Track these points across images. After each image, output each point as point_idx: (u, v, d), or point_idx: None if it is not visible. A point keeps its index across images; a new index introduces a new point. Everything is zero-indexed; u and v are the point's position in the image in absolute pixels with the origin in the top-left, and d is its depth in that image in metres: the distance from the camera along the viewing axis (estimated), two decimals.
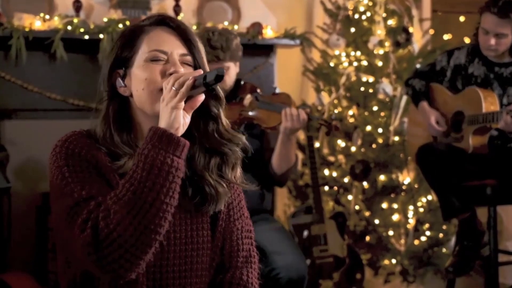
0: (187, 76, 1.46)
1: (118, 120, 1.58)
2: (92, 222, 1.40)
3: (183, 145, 1.45)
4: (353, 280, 3.68)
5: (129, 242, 1.39)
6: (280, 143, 2.88)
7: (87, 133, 1.59)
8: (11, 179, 3.38)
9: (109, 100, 1.59)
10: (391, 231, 4.07)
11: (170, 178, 1.42)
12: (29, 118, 3.79)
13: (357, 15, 4.25)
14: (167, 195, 1.42)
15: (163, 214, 1.41)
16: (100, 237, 1.39)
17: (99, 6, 3.92)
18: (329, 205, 4.08)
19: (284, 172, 2.94)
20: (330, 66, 4.26)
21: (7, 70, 3.67)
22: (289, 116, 2.77)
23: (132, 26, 1.63)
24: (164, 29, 1.59)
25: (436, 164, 3.15)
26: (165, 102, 1.46)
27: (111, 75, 1.59)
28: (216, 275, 1.65)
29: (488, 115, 3.03)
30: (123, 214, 1.38)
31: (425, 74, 3.42)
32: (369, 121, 4.12)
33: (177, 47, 1.57)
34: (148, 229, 1.40)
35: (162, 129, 1.44)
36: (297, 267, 2.77)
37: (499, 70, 3.17)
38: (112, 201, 1.41)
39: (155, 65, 1.55)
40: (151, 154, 1.42)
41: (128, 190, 1.40)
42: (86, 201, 1.44)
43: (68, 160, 1.50)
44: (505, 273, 3.85)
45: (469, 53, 3.27)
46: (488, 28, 3.08)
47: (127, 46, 1.58)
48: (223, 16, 4.13)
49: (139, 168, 1.42)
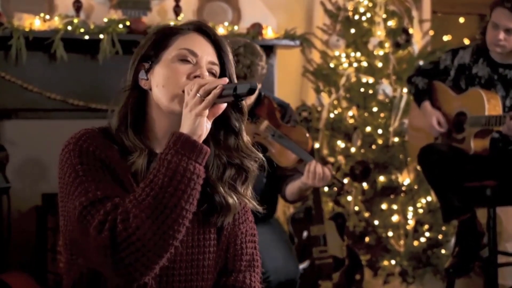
0: (213, 84, 1.45)
1: (136, 111, 1.57)
2: (110, 224, 1.39)
3: (205, 152, 1.45)
4: (353, 281, 3.68)
5: (147, 246, 1.39)
6: (298, 187, 2.77)
7: (100, 131, 1.58)
8: (10, 179, 3.38)
9: (130, 90, 1.59)
10: (390, 232, 4.07)
11: (192, 184, 1.42)
12: (29, 118, 3.80)
13: (357, 16, 4.26)
14: (188, 202, 1.41)
15: (182, 220, 1.41)
16: (118, 239, 1.38)
17: (99, 6, 3.92)
18: (329, 206, 4.08)
19: (295, 200, 2.94)
20: (330, 67, 4.26)
21: (7, 70, 3.67)
22: (311, 174, 2.64)
23: (170, 26, 1.64)
24: (200, 35, 1.60)
25: (437, 165, 3.14)
26: (188, 108, 1.45)
27: (138, 67, 1.59)
28: (219, 278, 1.66)
29: (491, 118, 3.02)
30: (143, 219, 1.38)
31: (428, 72, 3.40)
32: (368, 122, 4.12)
33: (208, 54, 1.57)
34: (166, 234, 1.40)
35: (185, 135, 1.43)
36: (287, 271, 2.76)
37: (503, 71, 3.16)
38: (132, 204, 1.40)
39: (181, 65, 1.55)
40: (174, 160, 1.41)
41: (149, 195, 1.40)
42: (101, 201, 1.43)
43: (82, 158, 1.49)
44: (505, 274, 3.85)
45: (474, 53, 3.25)
46: (498, 22, 3.06)
47: (160, 42, 1.58)
48: (223, 17, 4.14)
49: (160, 173, 1.41)
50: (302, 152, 2.71)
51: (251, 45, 2.76)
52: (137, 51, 1.62)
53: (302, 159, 2.71)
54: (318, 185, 2.69)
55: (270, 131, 2.75)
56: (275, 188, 2.91)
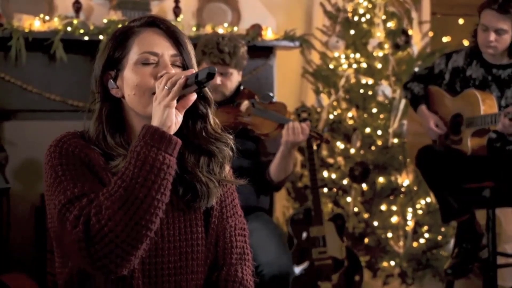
0: (179, 75, 1.48)
1: (111, 121, 1.60)
2: (84, 218, 1.42)
3: (175, 143, 1.48)
4: (352, 282, 3.68)
5: (120, 237, 1.41)
6: (280, 155, 2.93)
7: (81, 134, 1.61)
8: (10, 180, 3.38)
9: (101, 101, 1.61)
10: (390, 233, 4.07)
11: (162, 175, 1.44)
12: (29, 119, 3.79)
13: (356, 17, 4.26)
14: (159, 192, 1.44)
15: (154, 210, 1.44)
16: (92, 232, 1.41)
17: (99, 7, 3.92)
18: (328, 207, 4.08)
19: (281, 180, 3.01)
20: (330, 68, 4.27)
21: (7, 71, 3.68)
22: (291, 129, 2.83)
23: (123, 27, 1.65)
24: (154, 30, 1.61)
25: (435, 166, 3.16)
26: (157, 101, 1.48)
27: (103, 76, 1.61)
28: (211, 273, 1.67)
29: (486, 117, 3.04)
30: (114, 210, 1.41)
31: (423, 77, 3.43)
32: (368, 123, 4.12)
33: (167, 48, 1.59)
34: (139, 225, 1.42)
35: (154, 127, 1.47)
36: (280, 263, 2.77)
37: (497, 72, 3.18)
38: (104, 197, 1.43)
39: (146, 68, 1.57)
40: (143, 151, 1.44)
41: (120, 186, 1.43)
42: (78, 198, 1.47)
43: (61, 159, 1.53)
44: (504, 275, 3.85)
45: (468, 56, 3.27)
46: (487, 24, 3.09)
47: (118, 47, 1.60)
48: (222, 18, 4.14)
49: (131, 165, 1.44)
50: (281, 118, 2.89)
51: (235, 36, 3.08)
52: (97, 59, 1.64)
53: (282, 123, 2.89)
54: (298, 139, 2.84)
55: (251, 103, 2.93)
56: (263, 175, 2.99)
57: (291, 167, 3.00)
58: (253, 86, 3.72)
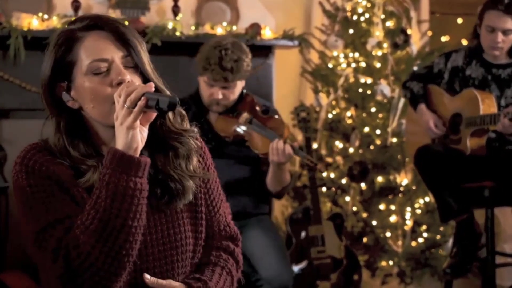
0: (138, 92, 1.40)
1: (72, 134, 1.52)
2: (63, 251, 1.39)
3: (144, 165, 1.42)
4: (351, 281, 3.68)
5: (103, 269, 1.38)
6: (271, 172, 2.90)
7: (46, 145, 1.53)
8: (8, 178, 3.38)
9: (57, 115, 1.53)
10: (388, 232, 4.07)
11: (135, 201, 1.40)
12: (27, 118, 3.78)
13: (355, 16, 4.26)
14: (135, 219, 1.40)
15: (133, 238, 1.40)
16: (73, 266, 1.38)
17: (98, 6, 3.92)
18: (327, 206, 4.08)
19: (279, 191, 2.99)
20: (328, 67, 4.26)
21: (5, 70, 3.67)
22: (275, 150, 2.79)
23: (65, 32, 1.52)
24: (98, 33, 1.50)
25: (434, 166, 3.15)
26: (119, 121, 1.40)
27: (53, 87, 1.52)
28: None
29: (485, 117, 3.03)
30: (92, 244, 1.37)
31: (422, 76, 3.42)
32: (367, 122, 4.12)
33: (116, 51, 1.49)
34: (119, 255, 1.39)
35: (120, 151, 1.40)
36: (280, 279, 2.79)
37: (496, 71, 3.18)
38: (80, 230, 1.39)
39: (98, 78, 1.48)
40: (112, 180, 1.38)
41: (95, 218, 1.38)
42: (52, 226, 1.42)
43: (29, 180, 1.46)
44: (502, 275, 3.85)
45: (467, 55, 3.27)
46: (494, 25, 3.07)
47: (64, 56, 1.50)
48: (221, 17, 4.13)
49: (102, 195, 1.39)
50: (270, 134, 2.85)
51: (239, 43, 2.95)
52: (43, 68, 1.54)
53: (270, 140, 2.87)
54: (280, 160, 2.80)
55: (249, 120, 2.89)
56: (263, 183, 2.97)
57: (287, 179, 2.95)
58: (252, 85, 3.72)
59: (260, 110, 2.95)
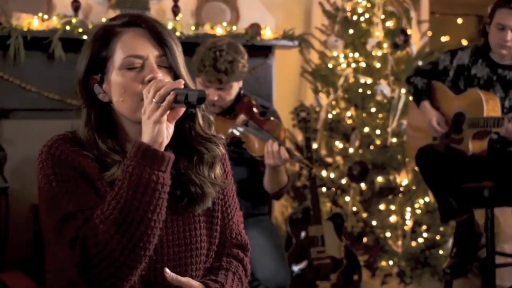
0: (168, 88, 1.42)
1: (101, 126, 1.54)
2: (81, 241, 1.39)
3: (168, 159, 1.43)
4: (351, 282, 3.68)
5: (119, 260, 1.39)
6: (267, 174, 2.89)
7: (73, 136, 1.55)
8: (8, 178, 3.38)
9: (88, 106, 1.55)
10: (388, 232, 4.08)
11: (157, 195, 1.41)
12: (27, 118, 3.79)
13: (355, 16, 4.26)
14: (155, 212, 1.41)
15: (151, 232, 1.41)
16: (90, 255, 1.39)
17: (98, 6, 3.92)
18: (327, 206, 4.08)
19: (276, 192, 2.97)
20: (328, 68, 4.27)
21: (5, 70, 3.67)
22: (270, 153, 2.77)
23: (104, 27, 1.56)
24: (137, 31, 1.53)
25: (435, 166, 3.15)
26: (146, 115, 1.43)
27: (88, 80, 1.55)
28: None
29: (489, 119, 3.02)
30: (111, 234, 1.38)
31: (427, 72, 3.40)
32: (367, 122, 4.12)
33: (152, 50, 1.52)
34: (137, 247, 1.40)
35: (145, 144, 1.41)
36: (277, 280, 2.78)
37: (502, 72, 3.16)
38: (99, 219, 1.40)
39: (131, 73, 1.50)
40: (136, 172, 1.40)
41: (115, 209, 1.39)
42: (73, 215, 1.43)
43: (55, 168, 1.49)
44: (502, 275, 3.86)
45: (473, 54, 3.25)
46: (505, 23, 3.06)
47: (101, 49, 1.53)
48: (221, 17, 4.13)
49: (124, 186, 1.40)
50: (266, 136, 2.82)
51: (235, 44, 2.90)
52: (80, 60, 1.56)
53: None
54: (276, 163, 2.78)
55: (245, 123, 2.87)
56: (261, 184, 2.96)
57: (284, 180, 2.94)
58: (252, 85, 3.72)
59: (258, 112, 2.94)
